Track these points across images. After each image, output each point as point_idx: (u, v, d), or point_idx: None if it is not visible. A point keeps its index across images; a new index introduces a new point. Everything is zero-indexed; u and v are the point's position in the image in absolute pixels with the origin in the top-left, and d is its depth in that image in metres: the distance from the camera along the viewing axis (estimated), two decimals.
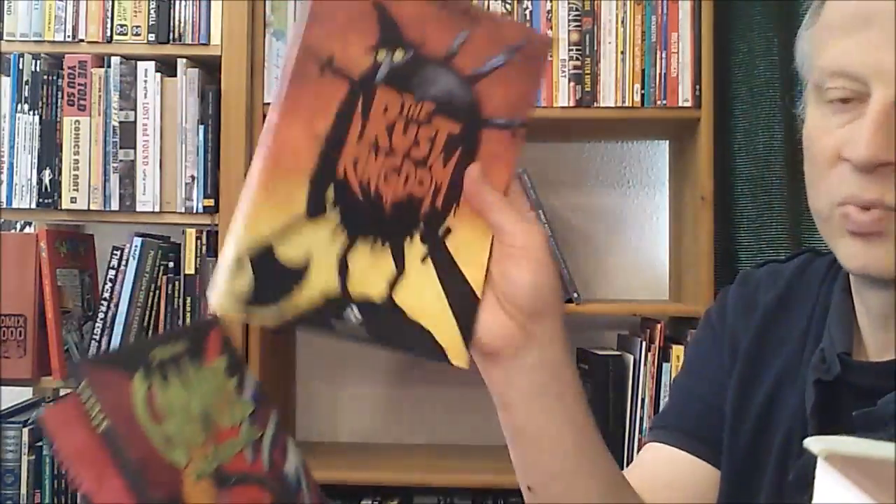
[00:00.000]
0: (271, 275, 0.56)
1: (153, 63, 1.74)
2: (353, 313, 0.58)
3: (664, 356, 1.73)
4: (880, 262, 0.65)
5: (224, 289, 0.54)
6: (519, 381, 0.64)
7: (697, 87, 1.73)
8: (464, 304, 0.62)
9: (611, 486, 0.71)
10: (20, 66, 1.75)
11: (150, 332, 1.75)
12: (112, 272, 1.75)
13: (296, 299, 0.56)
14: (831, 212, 0.67)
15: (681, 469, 0.83)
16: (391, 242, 0.60)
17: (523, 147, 0.64)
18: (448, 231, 0.62)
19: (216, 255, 1.72)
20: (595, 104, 1.74)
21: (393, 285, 0.60)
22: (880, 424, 0.66)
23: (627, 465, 1.77)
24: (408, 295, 0.60)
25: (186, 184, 1.74)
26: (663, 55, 1.73)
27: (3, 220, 1.83)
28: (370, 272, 0.59)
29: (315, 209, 0.57)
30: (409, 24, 0.59)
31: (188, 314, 1.73)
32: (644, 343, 1.73)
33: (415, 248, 0.61)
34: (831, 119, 0.66)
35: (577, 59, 1.74)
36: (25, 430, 1.75)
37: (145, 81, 1.74)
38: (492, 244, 0.62)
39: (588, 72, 1.74)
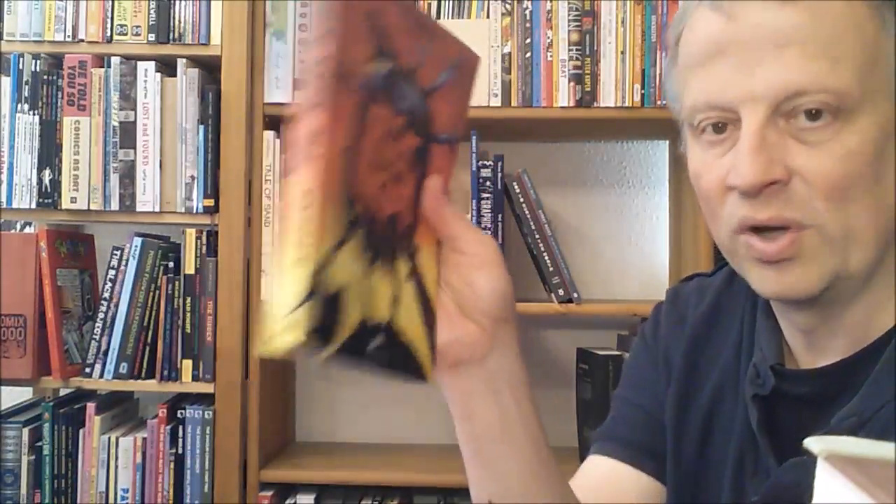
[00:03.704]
0: (324, 306, 0.52)
1: (153, 63, 1.74)
2: (376, 340, 0.56)
3: None
4: (795, 285, 0.64)
5: (286, 325, 0.50)
6: (480, 389, 0.64)
7: None
8: (430, 320, 0.61)
9: (564, 498, 0.71)
10: (20, 66, 1.75)
11: (151, 332, 1.75)
12: (112, 272, 1.75)
13: (338, 330, 0.53)
14: (733, 241, 0.67)
15: (624, 483, 0.81)
16: (391, 264, 0.59)
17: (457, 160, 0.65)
18: (416, 247, 0.61)
19: (216, 255, 1.72)
20: (595, 104, 1.74)
21: (392, 307, 0.58)
22: None
23: None
24: (400, 316, 0.58)
25: (186, 184, 1.74)
26: (663, 55, 1.73)
27: (3, 220, 1.83)
28: (380, 295, 0.57)
29: (346, 232, 0.54)
30: (392, 35, 0.57)
31: (188, 314, 1.73)
32: None
33: (401, 268, 0.59)
34: (710, 151, 0.66)
35: (577, 59, 1.74)
36: (25, 430, 1.75)
37: (145, 81, 1.74)
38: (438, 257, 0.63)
39: (588, 72, 1.74)
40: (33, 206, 1.75)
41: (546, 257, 1.76)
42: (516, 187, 1.77)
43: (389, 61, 0.57)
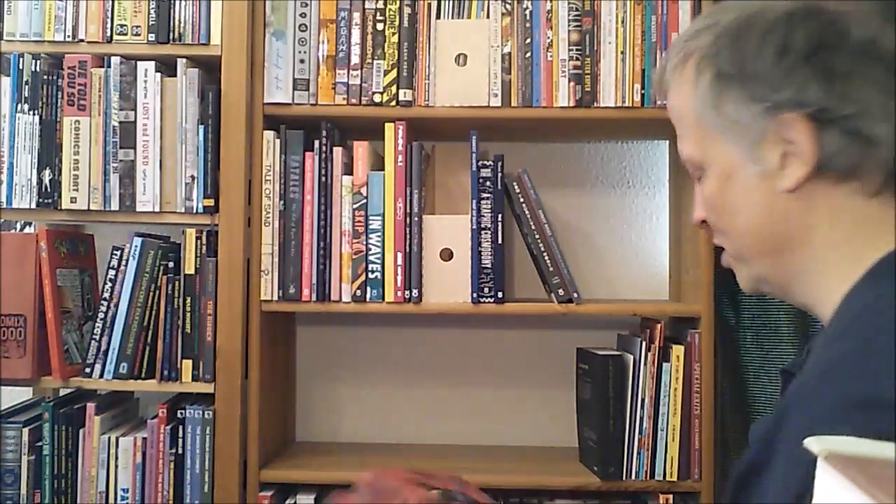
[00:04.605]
0: None
1: (153, 63, 1.74)
2: None
3: (664, 356, 1.73)
4: (742, 283, 0.89)
5: None
6: None
7: None
8: None
9: None
10: (20, 66, 1.75)
11: (151, 332, 1.75)
12: (112, 272, 1.75)
13: None
14: None
15: None
16: None
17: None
18: None
19: (216, 255, 1.72)
20: (595, 104, 1.74)
21: None
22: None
23: (627, 465, 1.76)
24: None
25: (186, 184, 1.74)
26: (663, 55, 1.73)
27: (3, 220, 1.83)
28: None
29: None
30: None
31: (188, 314, 1.73)
32: (644, 343, 1.73)
33: None
34: None
35: (577, 59, 1.74)
36: (25, 430, 1.75)
37: (145, 81, 1.74)
38: None
39: (588, 72, 1.74)
40: (33, 206, 1.75)
41: (546, 257, 1.76)
42: (516, 187, 1.77)
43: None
